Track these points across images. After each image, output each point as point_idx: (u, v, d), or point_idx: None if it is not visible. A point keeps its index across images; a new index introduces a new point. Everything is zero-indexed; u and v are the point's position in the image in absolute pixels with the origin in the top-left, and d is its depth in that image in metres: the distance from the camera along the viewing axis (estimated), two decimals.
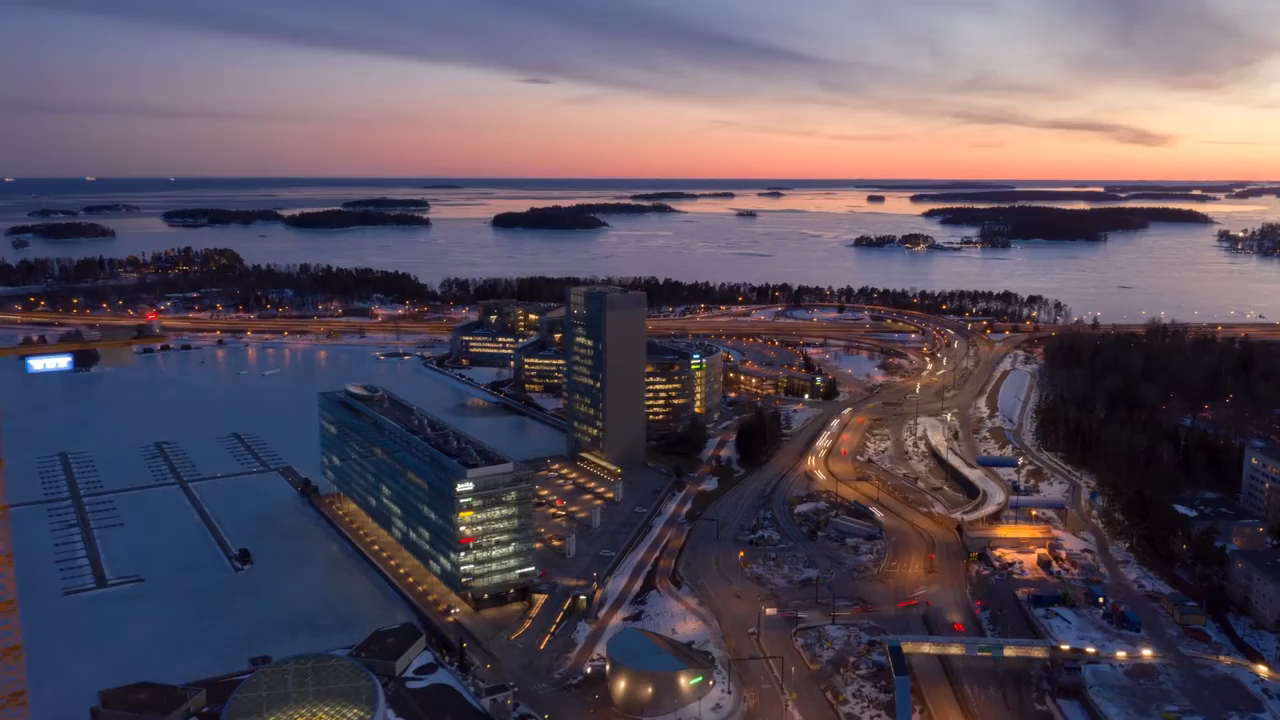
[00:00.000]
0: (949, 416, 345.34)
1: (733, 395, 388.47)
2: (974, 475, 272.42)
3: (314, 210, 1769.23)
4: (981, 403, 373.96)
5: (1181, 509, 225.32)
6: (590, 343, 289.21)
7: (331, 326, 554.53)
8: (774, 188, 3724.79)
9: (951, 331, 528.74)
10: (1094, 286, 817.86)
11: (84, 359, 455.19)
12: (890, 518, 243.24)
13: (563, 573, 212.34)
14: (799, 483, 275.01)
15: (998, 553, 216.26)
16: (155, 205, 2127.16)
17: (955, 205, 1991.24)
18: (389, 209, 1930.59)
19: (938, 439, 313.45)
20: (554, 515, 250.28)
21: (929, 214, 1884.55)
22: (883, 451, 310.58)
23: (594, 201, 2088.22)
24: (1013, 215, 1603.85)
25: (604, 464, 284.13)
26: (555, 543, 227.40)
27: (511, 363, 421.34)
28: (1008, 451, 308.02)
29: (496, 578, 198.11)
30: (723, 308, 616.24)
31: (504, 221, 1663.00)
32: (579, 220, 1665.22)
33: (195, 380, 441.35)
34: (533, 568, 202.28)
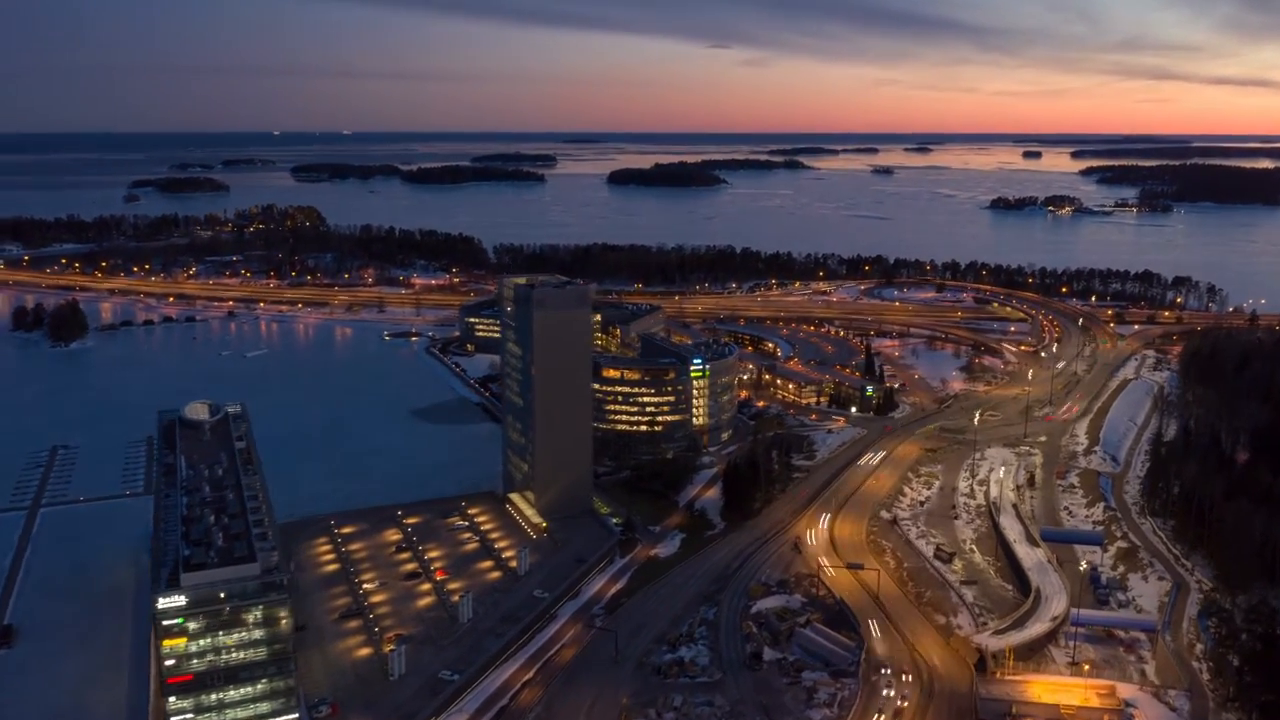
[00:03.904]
0: (1012, 461, 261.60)
1: (761, 405, 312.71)
2: (1033, 559, 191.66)
3: (431, 165, 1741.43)
4: (1081, 429, 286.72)
5: None
6: (520, 352, 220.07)
7: (353, 298, 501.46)
8: (926, 143, 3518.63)
9: (1067, 321, 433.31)
10: (1266, 263, 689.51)
11: (63, 333, 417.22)
12: (884, 637, 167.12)
13: (368, 709, 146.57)
14: (780, 556, 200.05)
15: None
16: (289, 160, 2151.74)
17: (1119, 162, 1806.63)
18: (515, 164, 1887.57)
19: (1004, 487, 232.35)
20: (422, 594, 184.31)
21: (1086, 172, 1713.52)
22: (922, 504, 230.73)
23: (720, 157, 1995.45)
24: (1180, 174, 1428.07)
25: (531, 513, 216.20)
26: (388, 647, 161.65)
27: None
28: (1098, 512, 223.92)
29: None
30: (796, 285, 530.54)
31: (619, 178, 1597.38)
32: (698, 178, 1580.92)
33: (169, 360, 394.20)
34: (296, 715, 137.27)
